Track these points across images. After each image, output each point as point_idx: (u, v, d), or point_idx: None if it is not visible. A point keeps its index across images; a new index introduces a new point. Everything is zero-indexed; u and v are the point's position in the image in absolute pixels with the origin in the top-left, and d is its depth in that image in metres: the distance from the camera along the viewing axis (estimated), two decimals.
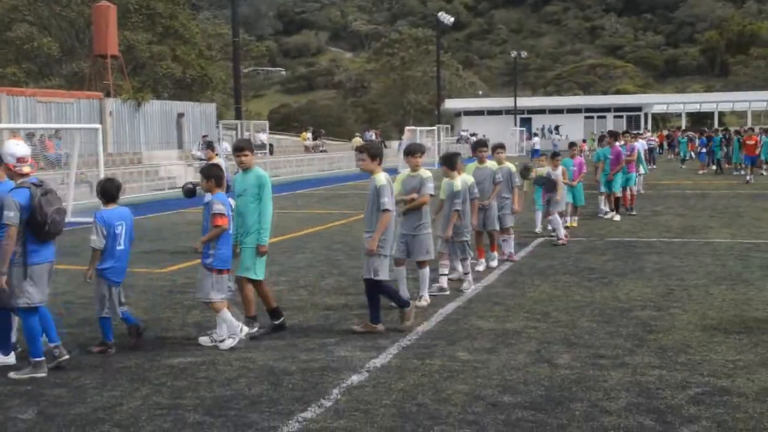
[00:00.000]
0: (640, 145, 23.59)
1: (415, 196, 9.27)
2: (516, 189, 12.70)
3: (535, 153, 55.63)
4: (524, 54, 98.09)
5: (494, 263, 12.05)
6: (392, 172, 11.32)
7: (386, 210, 8.15)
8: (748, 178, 29.12)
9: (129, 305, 8.41)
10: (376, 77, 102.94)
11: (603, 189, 18.67)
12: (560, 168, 15.09)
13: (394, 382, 6.65)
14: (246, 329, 8.09)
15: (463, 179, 10.48)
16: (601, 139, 23.80)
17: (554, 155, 15.53)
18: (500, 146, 13.20)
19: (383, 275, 8.26)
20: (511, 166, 12.73)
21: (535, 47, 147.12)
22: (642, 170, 22.99)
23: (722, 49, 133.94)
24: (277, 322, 8.45)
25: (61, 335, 7.60)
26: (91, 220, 8.07)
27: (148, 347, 7.92)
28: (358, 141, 51.60)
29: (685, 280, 10.90)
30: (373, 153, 8.43)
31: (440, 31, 71.21)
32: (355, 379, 6.75)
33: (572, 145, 17.99)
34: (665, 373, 6.74)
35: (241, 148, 8.44)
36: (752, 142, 29.74)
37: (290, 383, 6.69)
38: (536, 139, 62.86)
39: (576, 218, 17.26)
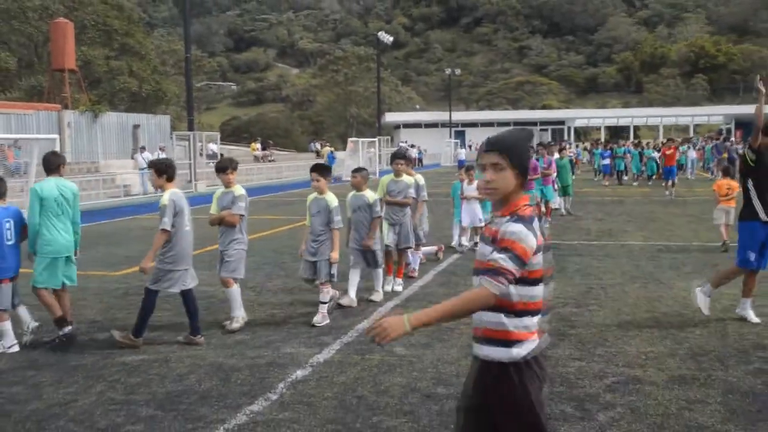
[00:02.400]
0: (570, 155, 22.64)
1: (225, 213, 8.28)
2: (422, 203, 11.27)
3: (461, 163, 56.30)
4: (458, 71, 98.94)
5: (399, 288, 10.30)
6: (336, 180, 11.02)
7: (162, 230, 7.50)
8: (667, 193, 25.87)
9: (84, 306, 8.24)
10: (321, 92, 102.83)
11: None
12: (476, 182, 13.22)
13: (335, 376, 6.63)
14: (33, 325, 7.82)
15: (358, 195, 9.16)
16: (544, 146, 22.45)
17: (468, 168, 13.90)
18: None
19: (155, 287, 7.65)
20: (420, 178, 11.16)
21: (468, 65, 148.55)
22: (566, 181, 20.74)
23: (637, 69, 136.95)
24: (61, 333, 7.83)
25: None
26: None
27: (103, 346, 7.78)
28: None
29: (603, 279, 11.08)
30: (159, 169, 7.70)
31: (380, 49, 71.39)
32: (299, 373, 6.72)
33: None
34: (584, 365, 6.84)
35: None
36: (671, 152, 27.60)
37: (238, 379, 6.63)
38: (461, 150, 63.33)
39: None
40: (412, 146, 70.71)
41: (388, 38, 67.92)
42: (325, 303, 8.51)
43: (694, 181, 34.58)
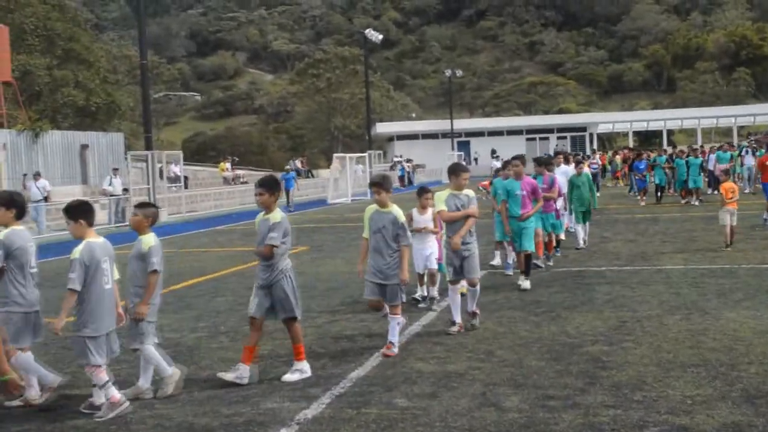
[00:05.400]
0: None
1: None
2: (405, 248, 9.31)
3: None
4: (459, 73, 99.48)
5: (294, 376, 8.43)
6: (320, 203, 10.54)
7: None
8: (765, 217, 21.31)
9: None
10: (300, 100, 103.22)
11: (497, 237, 14.82)
12: (430, 210, 11.86)
13: None
14: None
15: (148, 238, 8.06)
16: (542, 162, 17.32)
17: (423, 191, 12.06)
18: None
19: None
20: (398, 213, 9.29)
21: (471, 65, 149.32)
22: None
23: (668, 64, 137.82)
24: None
25: None
26: None
27: (48, 407, 7.70)
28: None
29: (638, 311, 11.06)
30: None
31: (368, 49, 71.81)
32: None
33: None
34: (620, 413, 6.79)
35: None
36: None
37: None
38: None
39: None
40: (408, 161, 70.92)
41: (376, 36, 68.39)
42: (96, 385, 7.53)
43: (749, 194, 34.28)
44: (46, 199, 30.55)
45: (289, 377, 8.29)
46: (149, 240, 7.95)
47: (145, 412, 7.39)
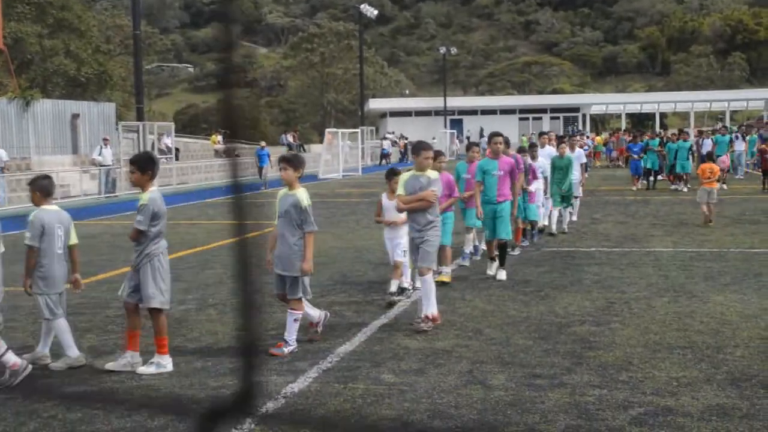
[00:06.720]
0: (579, 153, 19.54)
1: None
2: (309, 235, 8.54)
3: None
4: (454, 50, 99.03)
5: (163, 367, 7.85)
6: (311, 178, 10.08)
7: None
8: None
9: (14, 328, 8.18)
10: (294, 75, 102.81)
11: (466, 223, 13.72)
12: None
13: (313, 408, 6.60)
14: None
15: None
16: (531, 146, 17.27)
17: (391, 174, 11.27)
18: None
19: None
20: (302, 196, 8.59)
21: (466, 43, 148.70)
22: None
23: (663, 47, 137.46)
24: None
25: None
26: None
27: (36, 375, 7.71)
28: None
29: (626, 292, 11.11)
30: None
31: (363, 24, 71.47)
32: (270, 406, 6.68)
33: (439, 154, 11.72)
34: (605, 393, 6.84)
35: None
36: None
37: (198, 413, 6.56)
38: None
39: (448, 270, 12.03)
40: (402, 137, 70.79)
41: (372, 11, 68.02)
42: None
43: (741, 179, 34.39)
44: (1, 170, 29.73)
45: (144, 369, 7.74)
46: (30, 215, 8.03)
47: (132, 383, 7.41)
